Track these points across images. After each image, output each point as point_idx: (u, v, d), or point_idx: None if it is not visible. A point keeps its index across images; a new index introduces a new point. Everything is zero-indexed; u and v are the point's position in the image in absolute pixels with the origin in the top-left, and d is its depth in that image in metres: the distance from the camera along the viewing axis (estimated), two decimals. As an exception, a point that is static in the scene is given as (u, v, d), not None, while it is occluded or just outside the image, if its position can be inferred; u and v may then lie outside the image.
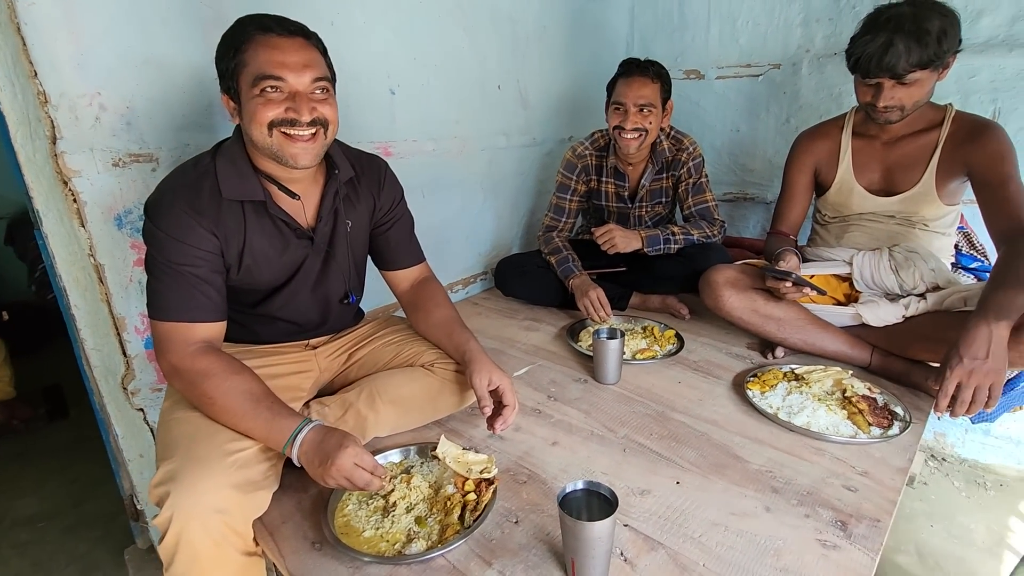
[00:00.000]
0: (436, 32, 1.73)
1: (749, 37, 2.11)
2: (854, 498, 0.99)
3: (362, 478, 0.89)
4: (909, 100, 1.30)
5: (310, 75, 0.97)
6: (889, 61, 1.22)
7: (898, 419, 1.21)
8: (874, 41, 1.23)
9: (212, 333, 1.01)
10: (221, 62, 0.98)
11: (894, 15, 1.23)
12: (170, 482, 0.84)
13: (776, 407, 1.25)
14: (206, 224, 0.97)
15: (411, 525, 0.93)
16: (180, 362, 0.95)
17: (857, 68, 1.31)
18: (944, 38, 1.21)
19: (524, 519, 0.96)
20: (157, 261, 0.97)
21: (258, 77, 0.94)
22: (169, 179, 1.01)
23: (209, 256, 0.99)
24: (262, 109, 0.95)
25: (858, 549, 0.88)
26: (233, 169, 1.01)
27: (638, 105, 1.65)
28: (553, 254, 1.87)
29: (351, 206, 1.17)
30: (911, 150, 1.43)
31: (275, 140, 0.97)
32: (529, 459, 1.13)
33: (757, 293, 1.50)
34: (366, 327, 1.34)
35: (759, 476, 1.06)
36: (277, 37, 0.95)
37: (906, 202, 1.45)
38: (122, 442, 1.36)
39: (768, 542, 0.90)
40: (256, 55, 0.94)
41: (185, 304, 0.97)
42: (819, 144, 1.56)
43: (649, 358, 1.53)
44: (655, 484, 1.04)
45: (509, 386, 1.13)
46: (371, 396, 1.15)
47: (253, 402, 0.93)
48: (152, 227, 0.97)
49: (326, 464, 0.88)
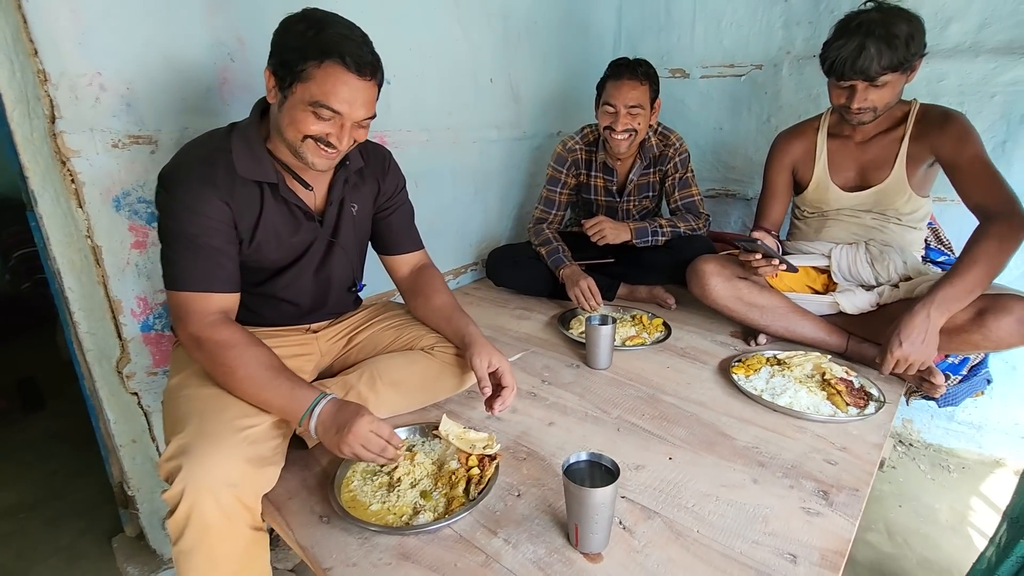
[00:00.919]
0: (431, 24, 1.75)
1: (733, 38, 2.18)
2: (834, 471, 1.06)
3: (377, 444, 0.92)
4: (881, 101, 1.36)
5: (365, 112, 1.00)
6: (862, 64, 1.28)
7: (873, 399, 1.28)
8: (847, 45, 1.29)
9: (228, 304, 1.02)
10: (286, 51, 0.94)
11: (864, 20, 1.29)
12: (182, 455, 0.85)
13: (760, 389, 1.32)
14: (220, 195, 0.99)
15: (417, 499, 0.95)
16: (201, 332, 0.97)
17: (832, 71, 1.36)
18: (912, 41, 1.27)
19: (526, 492, 0.99)
20: (173, 231, 0.98)
21: (319, 102, 0.94)
22: (185, 151, 1.02)
23: (222, 227, 1.00)
24: (307, 123, 0.96)
25: (839, 515, 0.94)
26: (248, 151, 1.02)
27: (628, 106, 1.69)
28: (543, 245, 1.91)
29: (356, 190, 1.20)
30: (882, 146, 1.51)
31: (305, 146, 0.99)
32: (527, 438, 1.16)
33: (741, 282, 1.56)
34: (365, 312, 1.36)
35: (746, 452, 1.12)
36: (356, 77, 0.95)
37: (879, 195, 1.53)
38: (114, 427, 1.35)
39: (756, 510, 0.95)
40: (325, 82, 0.93)
41: (202, 274, 0.98)
42: (796, 145, 1.63)
43: (638, 344, 1.58)
44: (649, 460, 1.09)
45: (508, 368, 1.16)
46: (372, 378, 1.18)
47: (274, 372, 0.96)
48: (168, 197, 0.98)
49: (343, 432, 0.91)
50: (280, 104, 0.99)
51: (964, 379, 1.63)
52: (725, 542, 0.88)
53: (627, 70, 1.69)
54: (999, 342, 1.24)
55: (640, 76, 1.69)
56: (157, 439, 1.38)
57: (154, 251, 1.28)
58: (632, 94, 1.68)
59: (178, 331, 1.00)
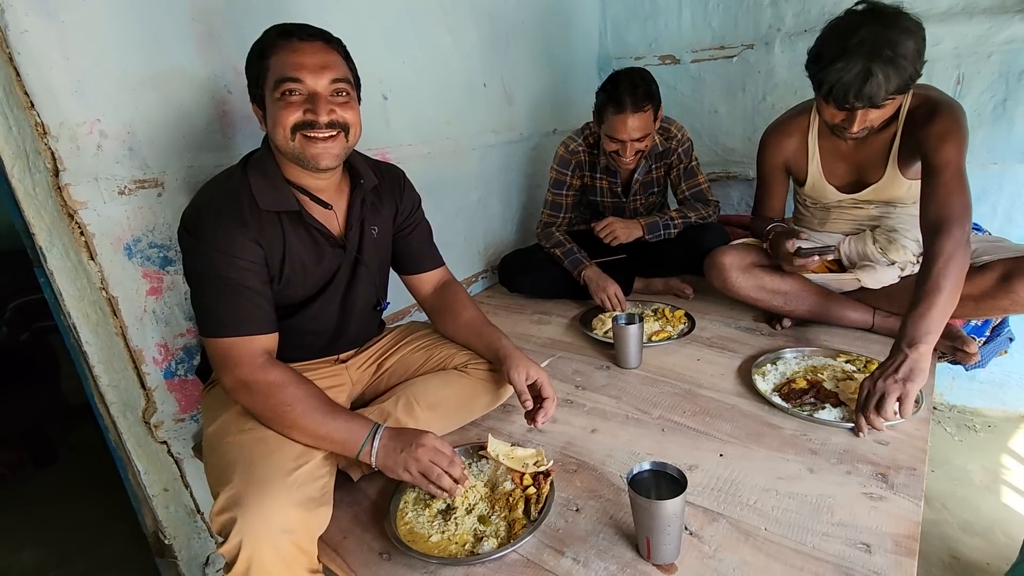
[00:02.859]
0: (421, 33, 1.73)
1: (721, 19, 2.17)
2: (887, 451, 1.05)
3: (445, 459, 0.93)
4: (880, 119, 1.27)
5: (328, 76, 0.97)
6: (868, 91, 1.14)
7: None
8: (848, 69, 1.14)
9: (272, 344, 1.01)
10: (249, 70, 1.00)
11: (865, 39, 1.13)
12: (235, 507, 0.83)
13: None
14: (250, 235, 0.97)
15: (476, 525, 0.94)
16: (251, 375, 0.95)
17: (831, 97, 1.20)
18: (918, 57, 1.16)
19: (584, 506, 0.98)
20: (206, 275, 0.96)
21: (278, 80, 0.95)
22: (205, 193, 1.00)
23: (255, 267, 0.98)
24: (283, 112, 0.95)
25: (903, 497, 0.93)
26: (266, 181, 1.00)
27: (635, 138, 1.63)
28: (557, 247, 1.89)
29: (375, 212, 1.18)
30: (874, 146, 1.43)
31: (297, 143, 0.97)
32: (573, 448, 1.15)
33: (761, 270, 1.55)
34: (390, 335, 1.34)
35: (795, 440, 1.11)
36: (297, 41, 0.96)
37: (877, 191, 1.49)
38: (144, 478, 1.32)
39: (819, 500, 0.94)
40: (278, 59, 0.96)
41: (242, 317, 0.96)
42: (787, 142, 1.55)
43: (665, 339, 1.57)
44: (700, 459, 1.08)
45: (547, 379, 1.15)
46: (408, 403, 1.15)
47: (330, 408, 0.95)
48: (195, 243, 0.95)
49: (410, 448, 0.92)
50: (267, 122, 1.00)
51: (988, 340, 1.64)
52: (796, 537, 0.87)
53: (629, 101, 1.58)
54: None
55: (642, 103, 1.59)
56: (191, 486, 1.35)
57: (170, 296, 1.25)
58: (636, 124, 1.61)
59: (223, 377, 0.97)
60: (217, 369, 0.99)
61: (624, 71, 1.66)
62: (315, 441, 0.95)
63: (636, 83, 1.60)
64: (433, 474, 0.92)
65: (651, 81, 1.65)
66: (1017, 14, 1.67)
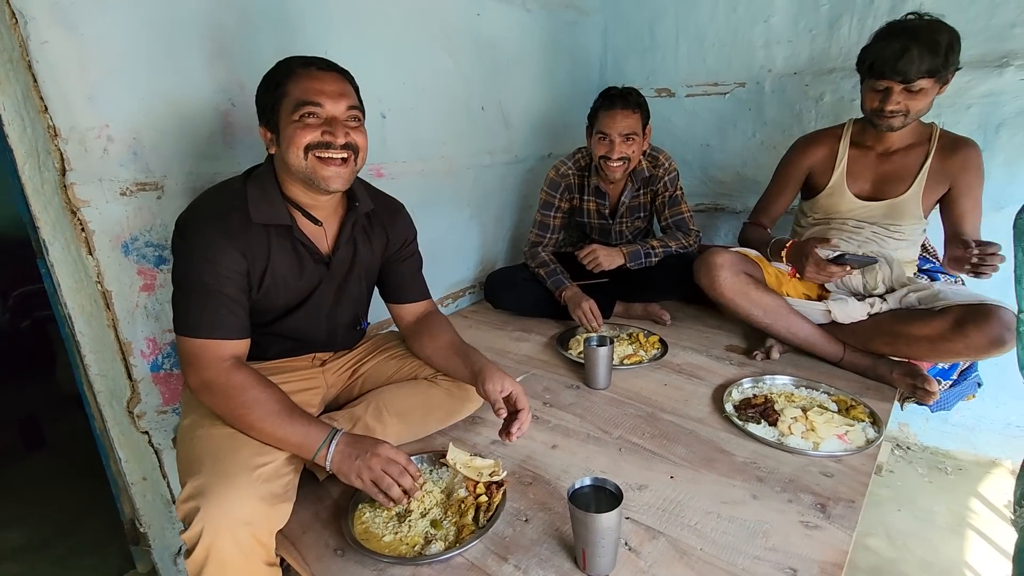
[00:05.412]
0: (423, 57, 1.81)
1: (715, 57, 2.25)
2: (830, 483, 1.09)
3: (397, 469, 0.97)
4: (914, 107, 1.41)
5: (345, 103, 1.05)
6: (903, 65, 1.33)
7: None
8: (889, 47, 1.34)
9: (240, 349, 1.06)
10: (263, 97, 1.07)
11: (908, 26, 1.35)
12: (199, 497, 0.88)
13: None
14: (236, 246, 1.03)
15: (427, 528, 0.98)
16: (215, 377, 1.00)
17: (871, 71, 1.40)
18: (951, 51, 1.33)
19: (533, 517, 1.03)
20: (189, 279, 1.02)
21: (299, 104, 1.02)
22: (202, 200, 1.07)
23: (236, 276, 1.04)
24: (301, 133, 1.02)
25: (837, 527, 0.97)
26: (262, 195, 1.07)
27: (623, 135, 1.73)
28: (542, 267, 1.95)
29: (366, 237, 1.24)
30: (902, 162, 1.56)
31: (310, 163, 1.04)
32: (532, 462, 1.20)
33: (750, 279, 1.59)
34: (368, 343, 1.40)
35: (745, 468, 1.15)
36: (317, 70, 1.05)
37: (891, 208, 1.57)
38: (125, 466, 1.38)
39: (757, 525, 0.99)
40: (297, 85, 1.03)
41: (216, 322, 1.02)
42: (817, 150, 1.67)
43: (636, 363, 1.62)
44: (651, 479, 1.12)
45: (522, 391, 1.16)
46: (378, 409, 1.21)
47: (289, 411, 1.00)
48: (184, 246, 1.02)
49: (365, 456, 0.96)
50: (278, 144, 1.06)
51: (955, 384, 1.68)
52: (728, 559, 0.91)
53: (619, 99, 1.73)
54: (980, 350, 1.28)
55: (632, 105, 1.73)
56: (168, 476, 1.41)
57: (162, 293, 1.32)
58: (626, 123, 1.72)
59: (188, 376, 1.03)
60: (184, 368, 1.04)
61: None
62: (274, 442, 0.99)
63: (629, 90, 1.77)
64: (383, 484, 0.97)
65: (642, 96, 1.79)
66: (996, 68, 1.73)
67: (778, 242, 1.60)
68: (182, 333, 1.02)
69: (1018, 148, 1.75)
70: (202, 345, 1.01)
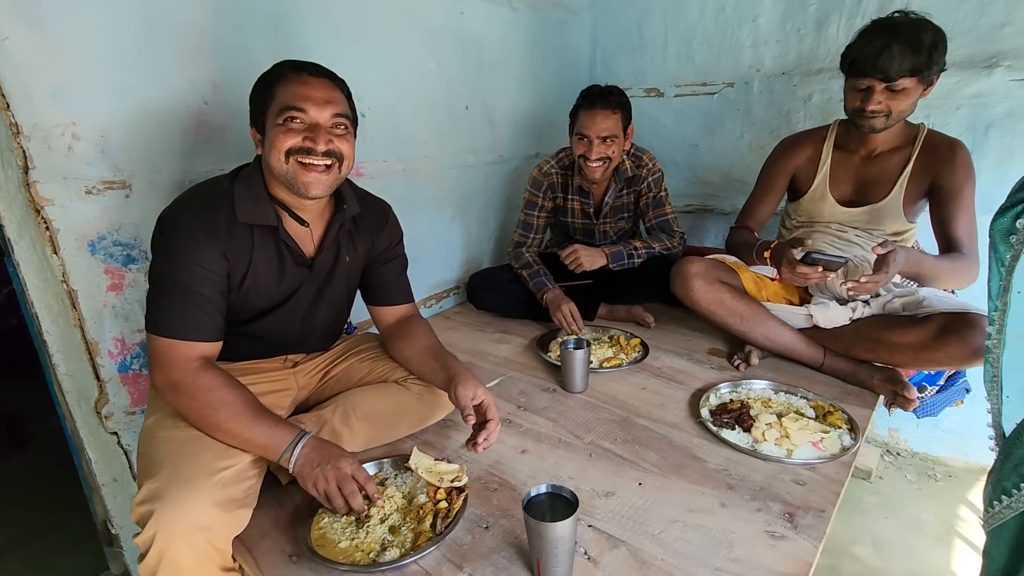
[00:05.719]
0: (405, 56, 1.79)
1: (704, 57, 2.22)
2: (802, 491, 1.07)
3: (350, 487, 0.95)
4: (895, 108, 1.36)
5: (331, 110, 1.04)
6: (884, 63, 1.29)
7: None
8: (871, 44, 1.31)
9: (211, 351, 1.04)
10: (255, 97, 1.07)
11: (891, 23, 1.32)
12: (155, 500, 0.86)
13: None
14: (218, 246, 1.01)
15: (385, 535, 0.96)
16: (181, 378, 0.98)
17: (852, 68, 1.37)
18: (935, 50, 1.29)
19: (494, 524, 1.01)
20: (165, 276, 1.00)
21: (283, 108, 1.01)
22: (186, 196, 1.05)
23: (215, 277, 1.02)
24: (282, 137, 1.01)
25: (803, 538, 0.95)
26: (249, 194, 1.06)
27: (601, 136, 1.71)
28: (525, 268, 1.93)
29: (351, 242, 1.22)
30: (885, 166, 1.52)
31: (291, 168, 1.02)
32: (499, 468, 1.18)
33: (724, 287, 1.56)
34: (343, 344, 1.38)
35: (716, 475, 1.13)
36: (307, 76, 1.04)
37: (873, 213, 1.53)
38: (95, 466, 1.37)
39: (722, 535, 0.96)
40: (286, 89, 1.02)
41: (189, 322, 1.00)
42: (801, 151, 1.64)
43: (615, 366, 1.60)
44: (619, 486, 1.10)
45: (493, 401, 1.14)
46: (345, 413, 1.19)
47: (255, 412, 0.99)
48: (164, 242, 1.00)
49: (324, 465, 0.95)
50: (264, 145, 1.05)
51: (942, 389, 1.65)
52: (688, 569, 0.89)
53: (599, 100, 1.70)
54: (961, 361, 1.25)
55: (612, 105, 1.70)
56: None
57: (130, 292, 1.31)
58: (605, 124, 1.70)
59: (155, 375, 1.01)
60: (151, 366, 1.02)
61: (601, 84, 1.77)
62: (239, 444, 0.98)
63: (610, 89, 1.73)
64: (335, 501, 0.95)
65: (624, 95, 1.75)
66: (985, 69, 1.70)
67: (763, 244, 1.56)
68: (152, 331, 1.00)
69: (1008, 149, 1.72)
70: (171, 345, 1.00)
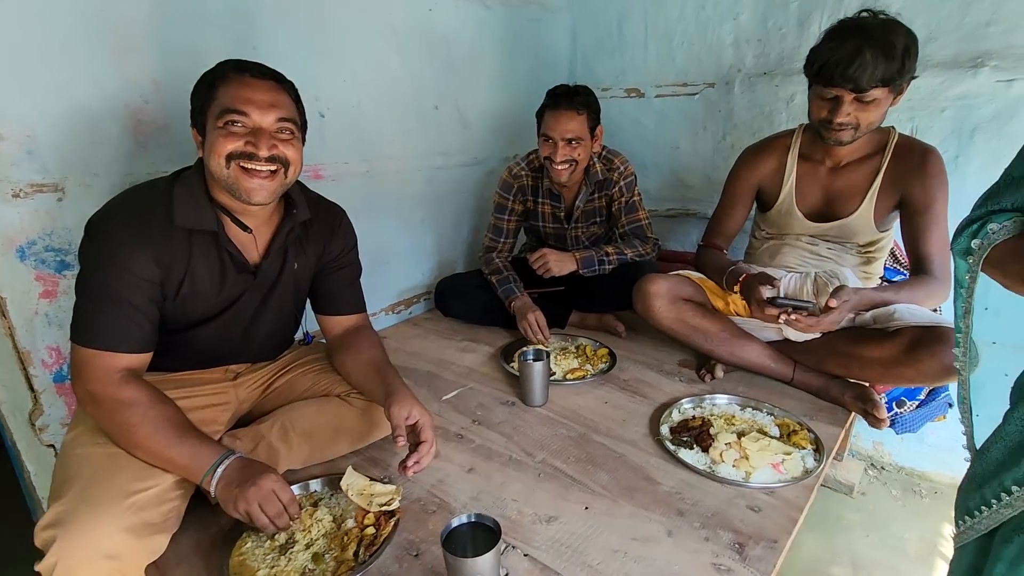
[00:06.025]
0: (366, 54, 1.73)
1: (684, 57, 2.15)
2: (756, 519, 1.00)
3: (275, 507, 0.90)
4: (864, 120, 1.26)
5: (275, 114, 0.98)
6: (855, 72, 1.17)
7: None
8: (841, 47, 1.18)
9: (137, 363, 0.98)
10: (195, 97, 1.01)
11: (861, 25, 1.20)
12: (58, 525, 0.81)
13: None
14: (151, 252, 0.96)
15: (307, 563, 0.91)
16: (102, 390, 0.93)
17: (820, 75, 1.23)
18: (907, 57, 1.19)
19: (426, 551, 0.94)
20: (92, 283, 0.94)
21: (224, 111, 0.96)
22: (119, 200, 0.99)
23: (147, 285, 0.97)
24: (222, 141, 0.96)
25: (750, 572, 0.88)
26: (190, 197, 1.00)
27: (566, 139, 1.64)
28: (494, 274, 1.87)
29: (301, 248, 1.16)
30: (854, 178, 1.42)
31: (232, 173, 0.97)
32: (442, 488, 1.11)
33: (687, 304, 1.51)
34: (289, 355, 1.32)
35: (668, 499, 1.06)
36: (250, 77, 0.98)
37: (842, 228, 1.45)
38: (35, 479, 1.32)
39: (665, 567, 0.90)
40: (227, 91, 0.97)
41: (115, 332, 0.94)
42: (765, 162, 1.54)
43: (579, 378, 1.53)
44: (564, 510, 1.04)
45: (429, 423, 1.07)
46: (283, 429, 1.14)
47: (177, 431, 0.93)
48: (93, 248, 0.95)
49: (244, 485, 0.88)
50: (204, 147, 1.00)
51: (922, 404, 1.58)
52: (623, 607, 0.83)
53: (564, 100, 1.63)
54: (933, 377, 1.18)
55: (578, 106, 1.63)
56: (76, 491, 1.34)
57: (65, 300, 1.25)
58: (570, 125, 1.63)
59: (76, 386, 0.96)
60: (72, 376, 0.97)
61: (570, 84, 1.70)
62: (160, 463, 0.92)
63: (576, 89, 1.66)
64: (259, 520, 0.89)
65: (592, 95, 1.69)
66: (970, 69, 1.62)
67: (733, 273, 1.47)
68: (75, 340, 0.95)
69: (994, 153, 1.64)
70: (94, 355, 0.94)
